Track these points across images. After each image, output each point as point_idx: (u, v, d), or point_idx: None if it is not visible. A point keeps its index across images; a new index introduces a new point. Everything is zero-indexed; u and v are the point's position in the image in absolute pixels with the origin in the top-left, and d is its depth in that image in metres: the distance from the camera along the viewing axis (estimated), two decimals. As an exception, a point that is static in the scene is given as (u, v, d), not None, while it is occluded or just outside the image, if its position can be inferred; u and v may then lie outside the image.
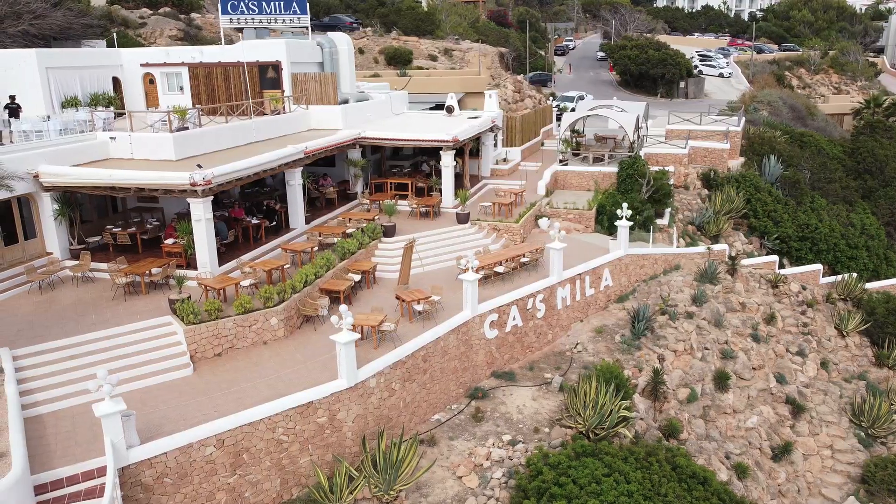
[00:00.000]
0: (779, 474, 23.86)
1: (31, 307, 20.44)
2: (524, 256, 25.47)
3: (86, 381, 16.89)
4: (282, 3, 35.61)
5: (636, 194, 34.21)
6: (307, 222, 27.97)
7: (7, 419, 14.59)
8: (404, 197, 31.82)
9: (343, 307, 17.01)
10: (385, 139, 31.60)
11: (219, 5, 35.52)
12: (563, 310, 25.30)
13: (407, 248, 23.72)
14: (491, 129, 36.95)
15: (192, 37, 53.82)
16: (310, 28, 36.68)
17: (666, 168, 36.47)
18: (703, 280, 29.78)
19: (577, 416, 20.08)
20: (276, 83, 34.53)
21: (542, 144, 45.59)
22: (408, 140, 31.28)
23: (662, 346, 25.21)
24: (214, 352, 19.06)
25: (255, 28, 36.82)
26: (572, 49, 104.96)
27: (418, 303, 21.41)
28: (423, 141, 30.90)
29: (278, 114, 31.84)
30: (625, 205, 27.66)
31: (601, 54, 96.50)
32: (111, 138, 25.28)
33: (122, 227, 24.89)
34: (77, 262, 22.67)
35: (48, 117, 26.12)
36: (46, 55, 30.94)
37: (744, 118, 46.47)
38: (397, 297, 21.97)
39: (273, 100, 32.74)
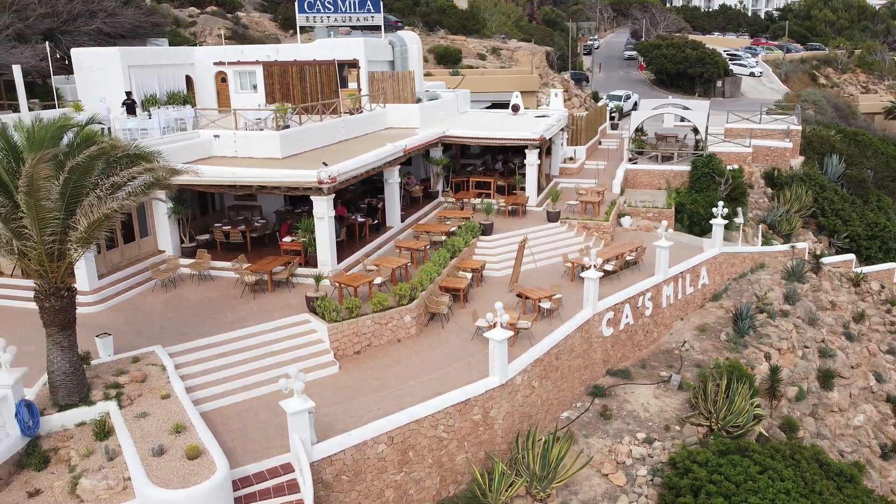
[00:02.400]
0: (889, 472, 23.86)
1: (162, 305, 20.42)
2: (629, 254, 25.45)
3: (241, 379, 17.10)
4: (356, 1, 35.63)
5: (713, 193, 34.23)
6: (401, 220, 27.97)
7: (187, 417, 14.56)
8: (487, 195, 31.77)
9: (498, 304, 17.00)
10: (470, 138, 31.61)
11: (296, 4, 35.49)
12: (667, 308, 25.33)
13: (520, 247, 23.72)
14: (562, 129, 36.96)
15: (239, 35, 53.79)
16: (383, 27, 36.65)
17: (732, 167, 36.43)
18: (790, 278, 29.77)
19: (709, 413, 20.09)
20: (345, 81, 34.54)
21: (600, 143, 45.55)
22: (494, 138, 31.24)
23: (767, 344, 25.21)
24: (354, 349, 19.04)
25: (327, 27, 36.92)
26: (597, 48, 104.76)
27: (540, 300, 21.38)
28: (510, 139, 30.87)
29: (360, 112, 31.80)
30: (720, 203, 27.67)
31: (628, 53, 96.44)
32: (215, 136, 25.23)
33: (232, 226, 24.85)
34: (194, 260, 22.63)
35: (149, 115, 26.12)
36: (128, 54, 30.96)
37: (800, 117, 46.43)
38: (519, 295, 21.97)
39: (352, 98, 32.71)
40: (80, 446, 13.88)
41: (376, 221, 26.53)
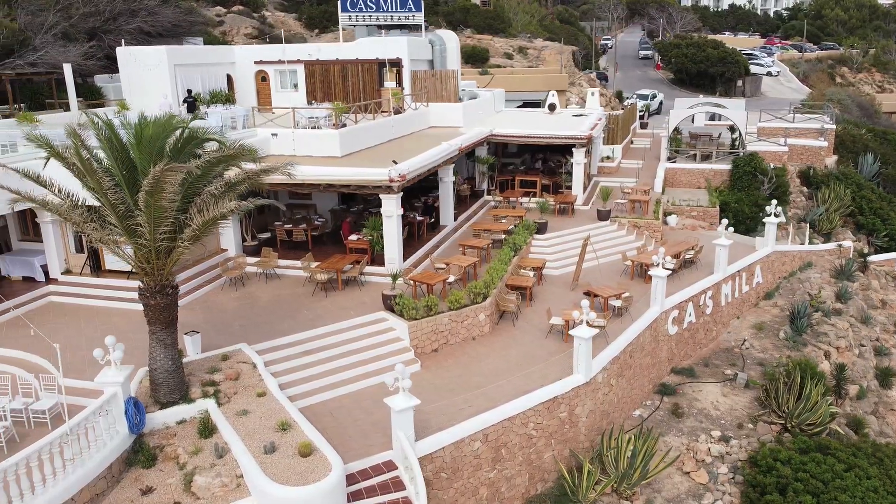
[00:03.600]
0: (951, 470, 23.82)
1: (235, 303, 20.41)
2: (687, 253, 25.45)
3: (327, 377, 17.11)
4: (397, 0, 35.63)
5: (756, 192, 34.26)
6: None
7: (289, 414, 14.56)
8: (532, 194, 31.75)
9: (584, 302, 17.01)
10: (518, 136, 31.63)
11: (338, 3, 35.52)
12: (725, 306, 25.34)
13: (583, 245, 23.73)
14: (603, 128, 36.98)
15: (265, 35, 53.79)
16: (423, 27, 36.64)
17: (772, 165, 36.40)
18: (840, 277, 29.78)
19: (782, 412, 20.09)
20: (382, 80, 34.55)
21: (632, 143, 45.55)
22: (542, 137, 31.22)
23: (825, 342, 25.20)
24: (432, 347, 19.03)
25: (367, 26, 36.94)
26: (610, 48, 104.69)
27: (610, 299, 21.38)
28: (558, 137, 30.86)
29: (403, 111, 31.78)
30: (774, 202, 27.69)
31: (644, 52, 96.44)
32: (273, 135, 25.22)
33: (293, 224, 24.83)
34: (259, 259, 22.61)
35: (206, 114, 26.09)
36: (175, 53, 31.00)
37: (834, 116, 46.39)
38: (587, 293, 21.95)
39: (396, 97, 32.67)
40: (187, 444, 13.88)
41: (433, 220, 26.53)
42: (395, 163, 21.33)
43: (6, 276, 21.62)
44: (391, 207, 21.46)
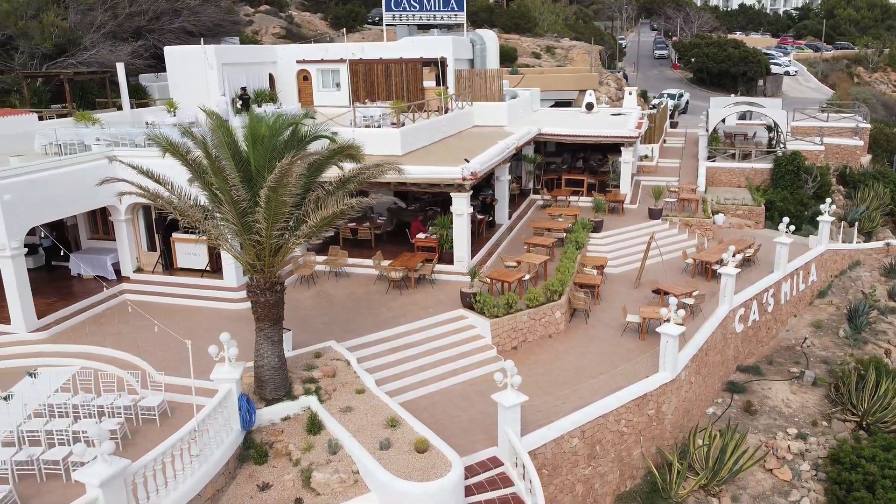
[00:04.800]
0: None
1: (311, 301, 20.46)
2: (746, 251, 25.50)
3: (417, 374, 17.19)
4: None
5: (799, 190, 34.32)
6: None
7: (393, 411, 14.62)
8: (579, 193, 31.82)
9: (672, 299, 17.07)
10: (567, 135, 31.66)
11: (383, 3, 35.60)
12: (784, 304, 25.40)
13: (648, 243, 23.78)
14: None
15: (293, 34, 53.86)
16: (465, 25, 36.72)
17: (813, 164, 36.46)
18: (891, 275, 29.85)
19: (857, 409, 20.15)
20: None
21: (664, 142, 45.56)
22: (591, 136, 31.27)
23: (884, 340, 25.28)
24: (511, 345, 19.09)
25: (408, 25, 37.05)
26: (624, 48, 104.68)
27: (681, 297, 21.41)
28: (608, 136, 30.93)
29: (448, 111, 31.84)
30: (828, 200, 27.74)
31: (659, 52, 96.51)
32: (333, 133, 25.20)
33: (357, 223, 24.88)
34: (327, 257, 22.66)
35: (265, 112, 26.16)
36: (222, 51, 31.09)
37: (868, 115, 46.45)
38: (655, 291, 22.01)
39: (441, 96, 32.71)
40: (297, 440, 13.94)
41: (492, 219, 26.60)
42: (467, 161, 21.38)
43: (77, 274, 21.68)
44: (462, 205, 21.51)
